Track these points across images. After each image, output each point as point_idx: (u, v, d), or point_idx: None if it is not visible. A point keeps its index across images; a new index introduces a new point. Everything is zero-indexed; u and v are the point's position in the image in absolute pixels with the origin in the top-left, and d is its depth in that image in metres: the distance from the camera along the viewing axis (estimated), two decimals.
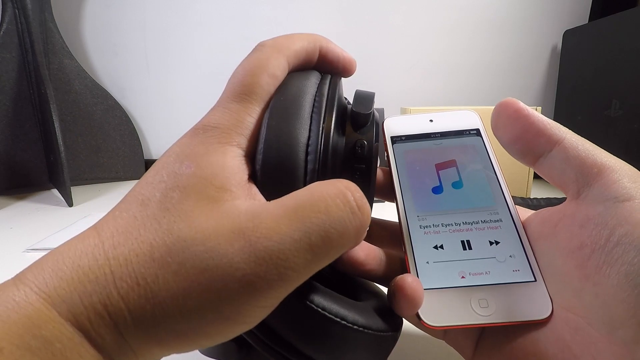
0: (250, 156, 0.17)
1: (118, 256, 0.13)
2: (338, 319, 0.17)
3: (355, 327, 0.17)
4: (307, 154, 0.17)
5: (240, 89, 0.17)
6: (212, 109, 0.17)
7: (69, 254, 0.13)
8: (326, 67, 0.21)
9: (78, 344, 0.12)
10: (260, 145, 0.17)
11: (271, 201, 0.15)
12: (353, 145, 0.19)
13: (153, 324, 0.13)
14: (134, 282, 0.13)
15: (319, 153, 0.17)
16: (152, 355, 0.14)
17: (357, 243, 0.15)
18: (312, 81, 0.19)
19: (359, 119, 0.19)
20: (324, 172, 0.17)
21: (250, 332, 0.18)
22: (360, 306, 0.19)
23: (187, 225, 0.14)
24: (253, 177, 0.17)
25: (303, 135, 0.17)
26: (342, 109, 0.20)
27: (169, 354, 0.14)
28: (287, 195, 0.15)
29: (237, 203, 0.15)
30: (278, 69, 0.18)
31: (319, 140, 0.17)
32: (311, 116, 0.17)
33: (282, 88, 0.18)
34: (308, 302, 0.17)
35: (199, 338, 0.14)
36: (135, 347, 0.13)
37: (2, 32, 0.66)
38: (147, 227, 0.14)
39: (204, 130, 0.16)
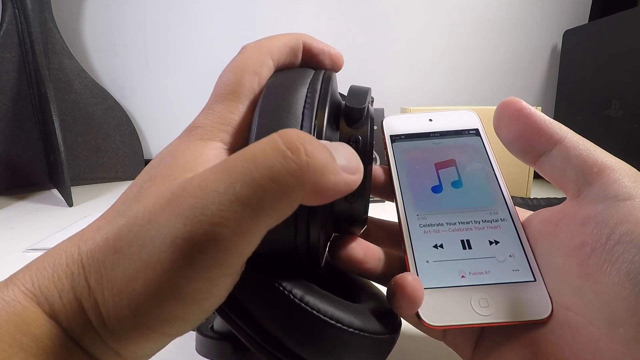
0: (234, 150, 0.17)
1: (87, 250, 0.13)
2: (333, 322, 0.17)
3: (350, 329, 0.17)
4: None
5: (223, 90, 0.18)
6: (200, 112, 0.18)
7: (52, 253, 0.14)
8: (313, 62, 0.21)
9: (65, 342, 0.13)
10: (251, 143, 0.16)
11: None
12: (347, 140, 0.19)
13: (116, 318, 0.13)
14: (99, 274, 0.13)
15: None
16: (134, 353, 0.14)
17: (305, 190, 0.13)
18: (303, 78, 0.19)
19: (353, 114, 0.19)
20: None
21: (245, 334, 0.17)
22: (356, 308, 0.19)
23: (140, 205, 0.14)
24: None
25: None
26: (336, 104, 0.19)
27: (152, 347, 0.14)
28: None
29: (188, 176, 0.14)
30: (260, 66, 0.18)
31: None
32: (303, 112, 0.17)
33: (273, 85, 0.18)
34: (303, 305, 0.17)
35: (161, 326, 0.13)
36: (113, 345, 0.13)
37: (2, 32, 0.66)
38: (110, 216, 0.14)
39: (189, 131, 0.17)
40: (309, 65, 0.21)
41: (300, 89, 0.18)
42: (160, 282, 0.12)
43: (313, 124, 0.17)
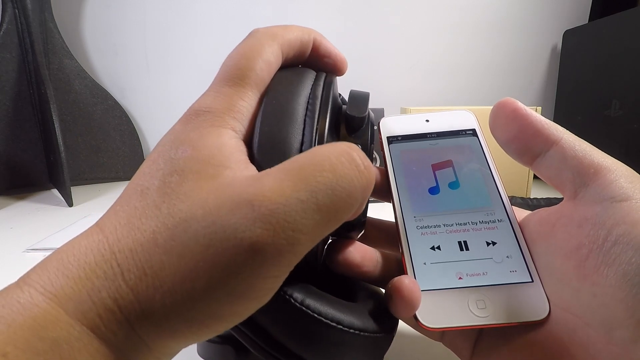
0: (247, 141, 0.17)
1: (123, 249, 0.13)
2: (334, 324, 0.17)
3: (351, 330, 0.17)
4: None
5: (233, 73, 0.17)
6: (204, 94, 0.17)
7: (73, 252, 0.13)
8: (318, 63, 0.21)
9: (87, 343, 0.12)
10: (254, 151, 0.16)
11: (272, 167, 0.14)
12: None
13: (164, 314, 0.13)
14: (141, 273, 0.12)
15: None
16: (167, 349, 0.14)
17: (362, 206, 0.15)
18: (305, 81, 0.19)
19: (354, 122, 0.19)
20: None
21: (246, 336, 0.18)
22: (355, 308, 0.19)
23: (188, 205, 0.13)
24: None
25: (296, 140, 0.16)
26: (337, 111, 0.19)
27: (184, 346, 0.14)
28: (288, 160, 0.14)
29: (238, 175, 0.14)
30: (272, 55, 0.18)
31: (312, 146, 0.17)
32: (304, 120, 0.17)
33: (275, 89, 0.18)
34: (304, 308, 0.17)
35: (213, 322, 0.13)
36: (148, 340, 0.13)
37: (2, 32, 0.66)
38: (148, 215, 0.13)
39: (196, 115, 0.16)
40: (312, 64, 0.21)
41: (302, 94, 0.18)
42: (229, 282, 0.12)
43: (314, 132, 0.17)
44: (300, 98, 0.18)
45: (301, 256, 0.14)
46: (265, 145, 0.16)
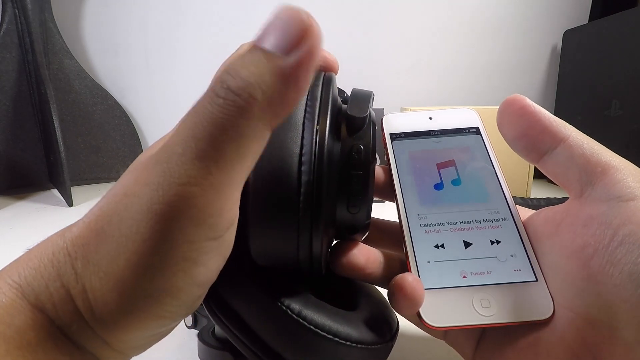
0: None
1: (72, 237, 0.13)
2: (330, 336, 0.17)
3: (347, 343, 0.17)
4: (300, 164, 0.16)
5: None
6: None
7: (40, 246, 0.14)
8: None
9: (51, 333, 0.12)
10: None
11: None
12: (349, 150, 0.18)
13: (104, 302, 0.12)
14: (85, 260, 0.13)
15: (312, 164, 0.16)
16: (124, 343, 0.14)
17: (261, 117, 0.12)
18: None
19: (355, 123, 0.18)
20: (319, 182, 0.16)
21: (243, 344, 0.18)
22: (354, 318, 0.19)
23: (117, 184, 0.14)
24: (244, 188, 0.16)
25: (296, 144, 0.16)
26: (337, 111, 0.19)
27: (144, 337, 0.14)
28: None
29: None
30: None
31: (313, 150, 0.16)
32: (304, 123, 0.17)
33: None
34: (301, 320, 0.17)
35: (151, 305, 0.13)
36: (101, 334, 0.13)
37: (2, 32, 0.66)
38: (98, 205, 0.14)
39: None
40: None
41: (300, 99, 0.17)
42: (143, 254, 0.12)
43: (314, 135, 0.16)
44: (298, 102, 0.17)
45: (211, 212, 0.12)
46: (264, 152, 0.16)
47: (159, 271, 0.12)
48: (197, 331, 0.25)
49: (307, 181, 0.16)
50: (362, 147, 0.18)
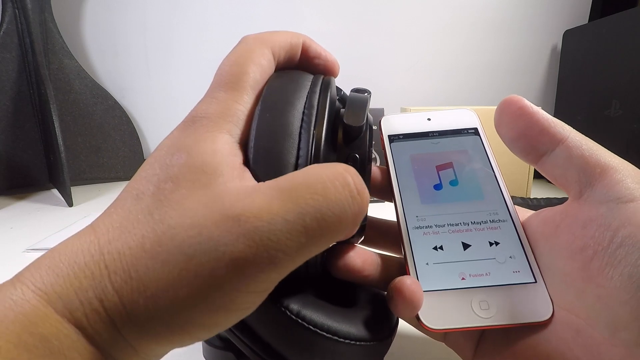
0: (243, 144, 0.17)
1: (112, 251, 0.13)
2: (330, 335, 0.17)
3: (347, 341, 0.18)
4: None
5: (227, 79, 0.17)
6: (200, 100, 0.17)
7: (65, 252, 0.13)
8: (309, 65, 0.21)
9: (76, 341, 0.12)
10: (250, 167, 0.16)
11: (264, 182, 0.14)
12: (345, 160, 0.18)
13: (147, 318, 0.13)
14: (127, 276, 0.13)
15: None
16: (152, 351, 0.14)
17: (353, 231, 0.15)
18: (301, 89, 0.18)
19: (351, 132, 0.18)
20: None
21: (245, 345, 0.18)
22: (353, 316, 0.19)
23: (178, 214, 0.13)
24: None
25: (292, 154, 0.16)
26: (334, 115, 0.19)
27: (170, 349, 0.14)
28: (282, 177, 0.14)
29: (229, 186, 0.14)
30: (263, 58, 0.18)
31: (308, 160, 0.16)
32: (300, 133, 0.16)
33: (269, 99, 0.17)
34: (300, 320, 0.17)
35: (195, 330, 0.13)
36: (133, 342, 0.13)
37: (2, 32, 0.66)
38: (141, 220, 0.14)
39: (193, 122, 0.16)
40: (303, 67, 0.21)
41: (296, 105, 0.17)
42: (210, 294, 0.13)
43: (310, 146, 0.16)
44: (295, 110, 0.17)
45: (284, 274, 0.14)
46: (260, 162, 0.16)
47: (219, 311, 0.13)
48: None
49: None
50: (357, 156, 0.18)
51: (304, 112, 0.17)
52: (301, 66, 0.21)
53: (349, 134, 0.18)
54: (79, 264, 0.13)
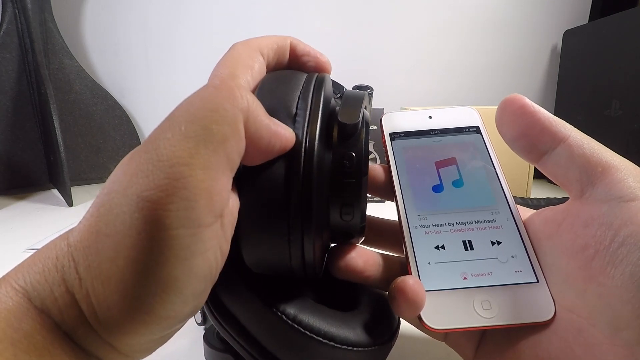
0: None
1: (75, 241, 0.13)
2: (326, 340, 0.17)
3: (343, 347, 0.18)
4: (289, 173, 0.16)
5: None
6: None
7: (44, 249, 0.14)
8: (299, 64, 0.21)
9: (58, 337, 0.12)
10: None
11: None
12: (340, 158, 0.17)
13: (108, 305, 0.12)
14: (86, 262, 0.13)
15: (301, 175, 0.16)
16: (128, 346, 0.14)
17: (244, 121, 0.14)
18: (294, 88, 0.18)
19: (346, 130, 0.18)
20: (309, 193, 0.16)
21: (243, 348, 0.18)
22: (352, 320, 0.19)
23: (109, 182, 0.14)
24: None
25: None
26: (329, 114, 0.18)
27: (147, 343, 0.14)
28: None
29: None
30: (252, 60, 0.18)
31: (302, 161, 0.16)
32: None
33: (261, 98, 0.17)
34: (296, 325, 0.17)
35: (154, 306, 0.12)
36: (105, 337, 0.13)
37: (2, 32, 0.66)
38: (94, 205, 0.14)
39: None
40: (294, 67, 0.21)
41: (290, 103, 0.17)
42: (138, 247, 0.12)
43: (304, 146, 0.16)
44: (288, 109, 0.17)
45: (203, 195, 0.13)
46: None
47: (156, 264, 0.12)
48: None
49: (297, 192, 0.16)
50: (353, 154, 0.17)
51: (296, 112, 0.17)
52: (292, 66, 0.21)
53: (344, 132, 0.18)
54: (51, 258, 0.13)
